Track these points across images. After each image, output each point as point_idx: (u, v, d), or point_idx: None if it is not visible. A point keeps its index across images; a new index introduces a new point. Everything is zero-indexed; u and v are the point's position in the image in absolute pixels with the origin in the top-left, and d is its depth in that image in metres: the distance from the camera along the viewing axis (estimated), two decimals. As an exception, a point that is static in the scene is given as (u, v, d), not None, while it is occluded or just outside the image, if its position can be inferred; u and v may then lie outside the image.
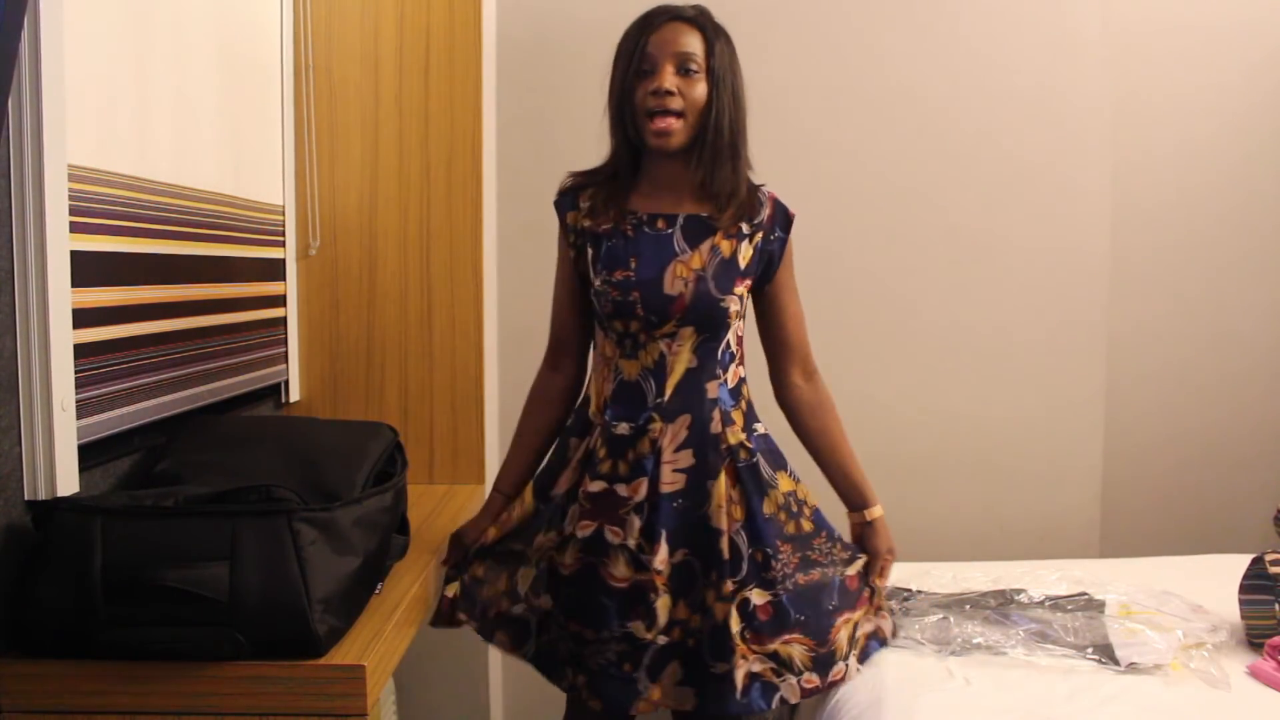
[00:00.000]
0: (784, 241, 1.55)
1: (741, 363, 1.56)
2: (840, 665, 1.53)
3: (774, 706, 1.50)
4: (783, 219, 1.55)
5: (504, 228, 2.32)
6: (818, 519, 1.56)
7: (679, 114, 1.46)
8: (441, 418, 2.08)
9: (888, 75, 2.46)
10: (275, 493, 1.19)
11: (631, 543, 1.46)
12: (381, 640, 1.22)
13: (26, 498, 1.17)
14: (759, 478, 1.51)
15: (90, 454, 1.28)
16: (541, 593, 1.53)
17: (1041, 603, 1.87)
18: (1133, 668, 1.65)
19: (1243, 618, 1.77)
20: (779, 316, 1.59)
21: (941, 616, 1.81)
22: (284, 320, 1.98)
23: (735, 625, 1.47)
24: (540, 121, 2.38)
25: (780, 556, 1.50)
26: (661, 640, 1.47)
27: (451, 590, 1.56)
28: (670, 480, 1.48)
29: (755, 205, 1.53)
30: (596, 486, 1.49)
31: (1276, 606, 1.71)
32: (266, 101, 1.91)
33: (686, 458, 1.49)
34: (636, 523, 1.46)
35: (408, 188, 2.05)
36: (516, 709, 2.36)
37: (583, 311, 1.58)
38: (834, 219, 2.47)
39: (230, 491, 1.19)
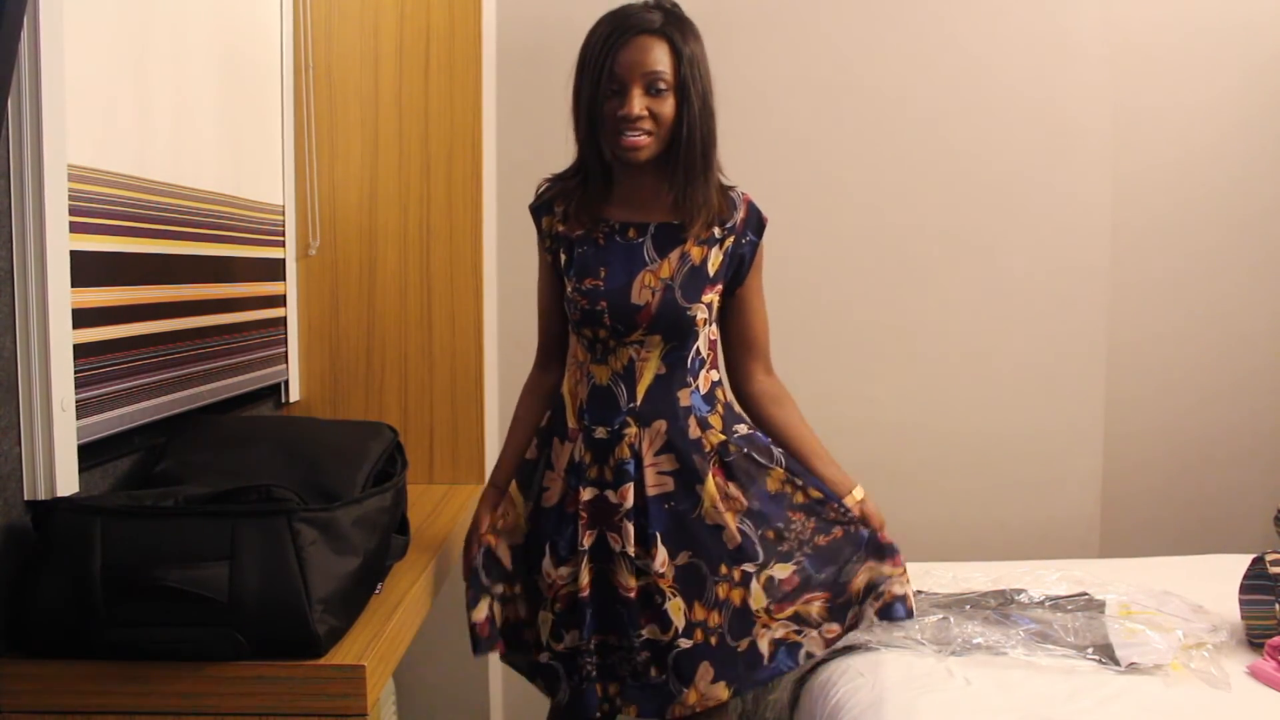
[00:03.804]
0: (755, 245, 1.55)
1: (715, 366, 1.57)
2: (855, 609, 1.57)
3: (801, 663, 1.56)
4: (755, 223, 1.54)
5: (504, 228, 2.32)
6: (825, 489, 1.58)
7: (649, 132, 1.44)
8: (441, 418, 2.08)
9: (886, 83, 2.46)
10: (275, 493, 1.19)
11: (630, 550, 1.47)
12: (381, 640, 1.22)
13: (26, 498, 1.16)
14: (754, 463, 1.52)
15: (90, 454, 1.28)
16: (564, 634, 1.53)
17: (1042, 603, 1.87)
18: (1133, 668, 1.65)
19: (1243, 618, 1.77)
20: (746, 318, 1.58)
21: (942, 617, 1.81)
22: (284, 320, 1.98)
23: (758, 603, 1.51)
24: (540, 121, 2.37)
25: (794, 526, 1.53)
26: (685, 644, 1.49)
27: (480, 614, 1.55)
28: (656, 483, 1.49)
29: (727, 208, 1.52)
30: (589, 494, 1.50)
31: (1276, 606, 1.71)
32: (266, 101, 1.91)
33: (670, 461, 1.50)
34: (630, 529, 1.48)
35: (408, 188, 2.05)
36: (516, 709, 2.36)
37: (565, 313, 1.59)
38: (835, 227, 2.48)
39: (230, 491, 1.19)
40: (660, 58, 1.42)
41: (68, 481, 1.20)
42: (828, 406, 2.50)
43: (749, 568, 1.50)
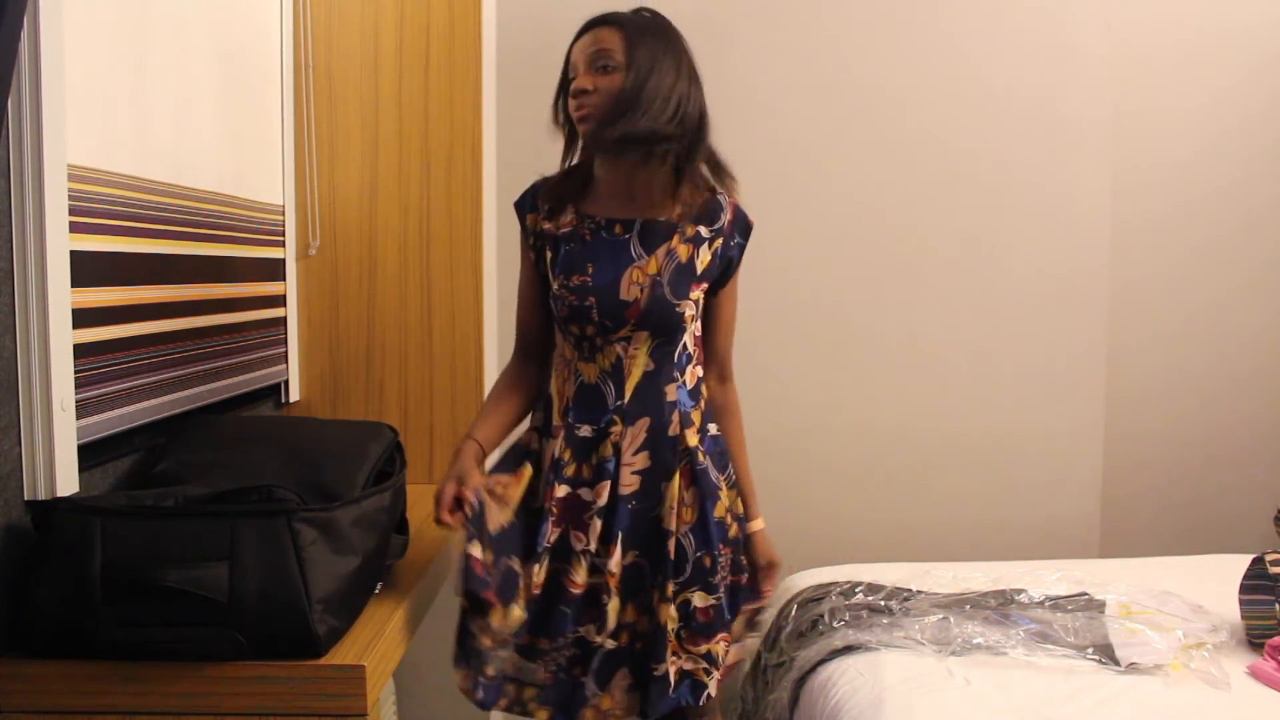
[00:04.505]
0: (742, 248, 1.56)
1: (700, 363, 1.57)
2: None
3: (701, 703, 1.51)
4: (742, 226, 1.56)
5: (504, 228, 2.32)
6: (742, 528, 1.59)
7: (598, 105, 1.45)
8: (441, 418, 2.08)
9: (886, 82, 2.47)
10: (275, 493, 1.19)
11: (592, 547, 1.47)
12: (381, 640, 1.22)
13: (26, 498, 1.16)
14: (711, 481, 1.52)
15: (90, 454, 1.28)
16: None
17: (1042, 603, 1.87)
18: (1133, 668, 1.66)
19: (1243, 618, 1.77)
20: (712, 324, 1.60)
21: (942, 617, 1.81)
22: (284, 320, 1.98)
23: (671, 625, 1.48)
24: (540, 121, 2.37)
25: (722, 559, 1.52)
26: (610, 645, 1.48)
27: (478, 550, 1.40)
28: (628, 483, 1.49)
29: (715, 209, 1.53)
30: (562, 491, 1.49)
31: (1277, 606, 1.71)
32: (266, 101, 1.91)
33: (643, 460, 1.50)
34: (597, 526, 1.47)
35: (408, 187, 2.05)
36: (516, 709, 2.36)
37: (546, 310, 1.58)
38: (834, 228, 2.48)
39: (230, 492, 1.19)
40: (607, 39, 1.46)
41: (68, 481, 1.20)
42: (827, 408, 2.52)
43: (674, 586, 1.48)
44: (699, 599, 1.50)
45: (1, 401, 1.13)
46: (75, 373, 1.22)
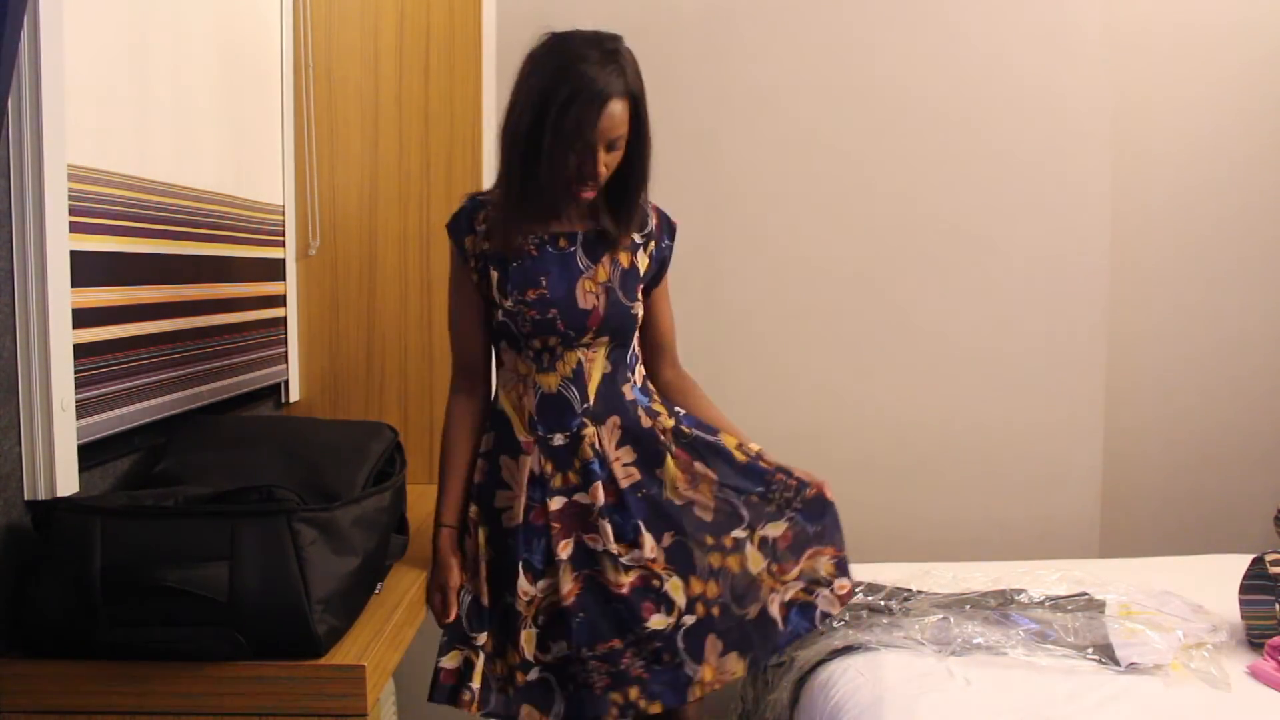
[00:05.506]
0: (671, 249, 1.61)
1: (641, 361, 1.63)
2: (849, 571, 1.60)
3: (818, 624, 1.58)
4: (668, 228, 1.61)
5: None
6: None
7: (601, 179, 1.48)
8: (441, 418, 2.07)
9: (886, 75, 2.47)
10: (275, 493, 1.19)
11: (614, 548, 1.48)
12: (381, 640, 1.22)
13: (26, 498, 1.17)
14: (710, 441, 1.57)
15: (90, 454, 1.28)
16: (550, 645, 1.50)
17: (1042, 603, 1.87)
18: (1133, 668, 1.66)
19: (1243, 618, 1.77)
20: (656, 320, 1.64)
21: (942, 617, 1.81)
22: (284, 320, 1.98)
23: (757, 565, 1.54)
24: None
25: (775, 486, 1.57)
26: (688, 620, 1.51)
27: (451, 661, 1.49)
28: (625, 475, 1.52)
29: (643, 216, 1.58)
30: (558, 504, 1.50)
31: (1276, 606, 1.71)
32: (266, 101, 1.91)
33: (629, 453, 1.53)
34: (608, 527, 1.49)
35: (408, 187, 2.05)
36: (516, 709, 2.36)
37: (487, 333, 1.57)
38: (833, 221, 2.48)
39: (230, 492, 1.19)
40: (622, 120, 1.44)
41: (68, 481, 1.20)
42: (825, 404, 2.51)
43: (739, 533, 1.54)
44: (773, 530, 1.56)
45: (1, 401, 1.13)
46: (75, 373, 1.22)
